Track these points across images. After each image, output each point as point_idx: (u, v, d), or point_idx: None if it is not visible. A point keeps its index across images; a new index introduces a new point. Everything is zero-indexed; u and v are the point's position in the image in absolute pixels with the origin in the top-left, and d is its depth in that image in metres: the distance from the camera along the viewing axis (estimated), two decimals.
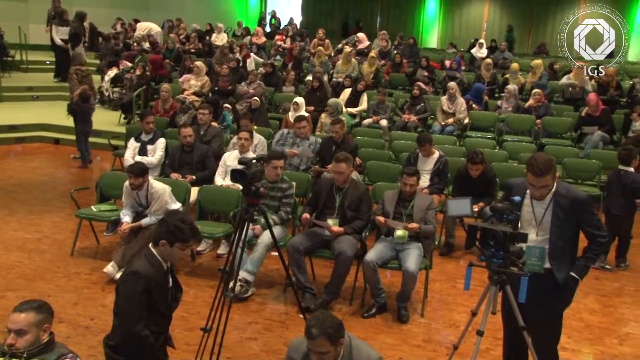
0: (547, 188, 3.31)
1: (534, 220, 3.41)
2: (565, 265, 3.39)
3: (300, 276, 5.23)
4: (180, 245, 3.28)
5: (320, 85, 10.33)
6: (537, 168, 3.24)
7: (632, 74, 13.70)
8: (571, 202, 3.33)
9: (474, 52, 14.88)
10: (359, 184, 5.60)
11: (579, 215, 3.35)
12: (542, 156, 3.31)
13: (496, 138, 9.49)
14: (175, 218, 3.29)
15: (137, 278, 3.20)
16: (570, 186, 3.49)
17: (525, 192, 3.42)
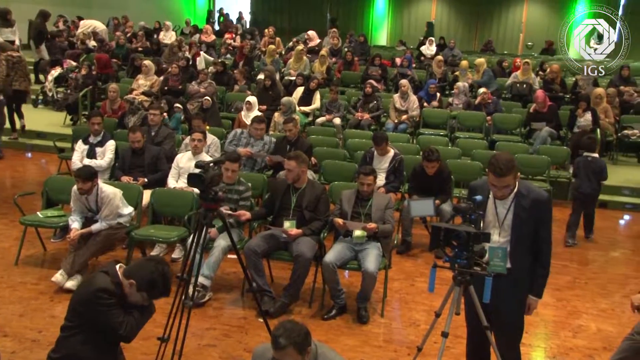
0: (508, 188, 3.30)
1: (497, 220, 3.39)
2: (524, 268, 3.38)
3: (259, 279, 5.12)
4: (145, 297, 3.31)
5: (273, 83, 10.21)
6: (499, 168, 3.21)
7: (575, 71, 14.07)
8: (532, 202, 3.32)
9: (424, 50, 15.02)
10: (315, 184, 5.53)
11: (538, 215, 3.34)
12: (504, 156, 3.27)
13: (449, 135, 9.59)
14: (157, 270, 3.26)
15: (107, 293, 3.21)
16: (532, 186, 3.47)
17: (489, 192, 3.40)
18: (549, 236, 3.45)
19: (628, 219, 8.38)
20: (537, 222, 3.37)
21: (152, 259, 3.41)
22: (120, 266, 3.39)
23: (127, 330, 3.27)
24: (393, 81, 12.11)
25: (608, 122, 9.66)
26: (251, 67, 12.58)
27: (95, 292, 3.21)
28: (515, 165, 3.25)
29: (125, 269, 3.33)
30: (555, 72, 11.43)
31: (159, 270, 3.25)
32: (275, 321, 4.89)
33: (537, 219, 3.35)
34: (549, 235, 3.44)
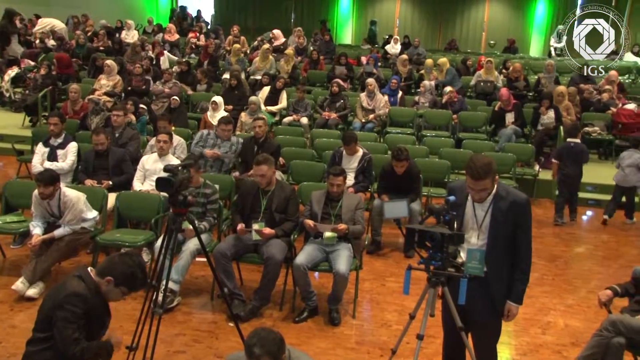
0: (486, 191, 3.25)
1: (475, 223, 3.35)
2: (501, 272, 3.35)
3: (229, 282, 5.04)
4: (125, 290, 3.25)
5: (239, 83, 10.10)
6: (476, 171, 3.17)
7: (536, 69, 14.32)
8: (510, 205, 3.28)
9: (388, 49, 15.07)
10: (284, 185, 5.45)
11: (516, 218, 3.30)
12: (481, 159, 3.21)
13: (416, 133, 9.62)
14: (133, 262, 3.24)
15: (79, 300, 3.11)
16: (511, 188, 3.40)
17: (467, 194, 3.36)
18: (529, 241, 3.38)
19: (591, 214, 8.54)
20: (515, 225, 3.31)
21: (123, 254, 3.36)
22: (91, 269, 3.32)
23: (78, 352, 3.10)
24: (359, 80, 12.12)
25: (570, 119, 9.81)
26: (216, 66, 12.43)
27: (66, 297, 3.11)
28: (493, 168, 3.20)
29: (98, 268, 3.27)
30: (518, 70, 11.61)
31: (134, 262, 3.25)
32: (247, 325, 4.84)
33: (515, 222, 3.29)
34: (528, 240, 3.37)
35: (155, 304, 3.61)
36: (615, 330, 3.87)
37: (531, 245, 3.39)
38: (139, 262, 3.28)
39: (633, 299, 4.22)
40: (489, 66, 11.60)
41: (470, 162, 3.19)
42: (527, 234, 3.34)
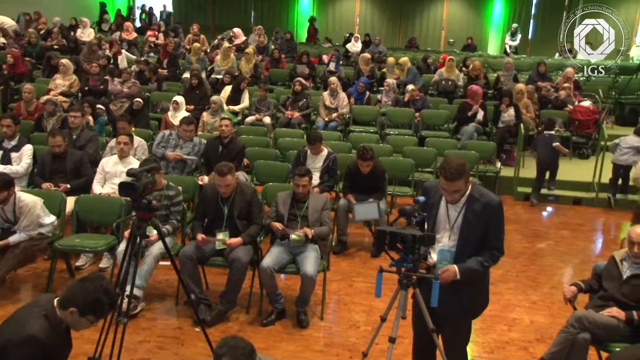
0: (459, 193, 3.23)
1: (448, 223, 3.34)
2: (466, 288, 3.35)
3: (195, 287, 4.94)
4: (92, 318, 2.93)
5: (200, 83, 9.94)
6: (449, 172, 3.15)
7: (495, 67, 14.52)
8: (484, 206, 3.27)
9: (349, 47, 15.08)
10: (245, 188, 5.26)
11: (488, 220, 3.29)
12: (455, 160, 3.20)
13: (379, 132, 9.63)
14: (95, 287, 2.90)
15: (37, 347, 2.74)
16: (485, 190, 3.39)
17: (441, 194, 3.35)
18: (500, 244, 3.36)
19: (551, 210, 8.69)
20: (487, 227, 3.30)
21: (84, 279, 3.01)
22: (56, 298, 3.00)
23: None
24: (322, 79, 12.08)
25: (529, 117, 9.98)
26: (176, 65, 12.22)
27: (24, 339, 2.74)
28: (467, 169, 3.19)
29: (59, 299, 2.92)
30: (478, 68, 11.75)
31: (97, 286, 2.91)
32: (213, 330, 4.76)
33: (487, 224, 3.29)
34: (500, 243, 3.35)
35: (119, 313, 3.49)
36: (580, 326, 3.92)
37: (503, 248, 3.37)
38: (101, 286, 2.93)
39: (596, 295, 4.28)
40: (450, 64, 11.70)
41: (444, 163, 3.18)
42: (499, 237, 3.33)
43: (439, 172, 3.22)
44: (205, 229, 5.13)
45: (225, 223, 5.10)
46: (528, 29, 21.57)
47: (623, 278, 4.13)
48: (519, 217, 8.10)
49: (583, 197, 8.78)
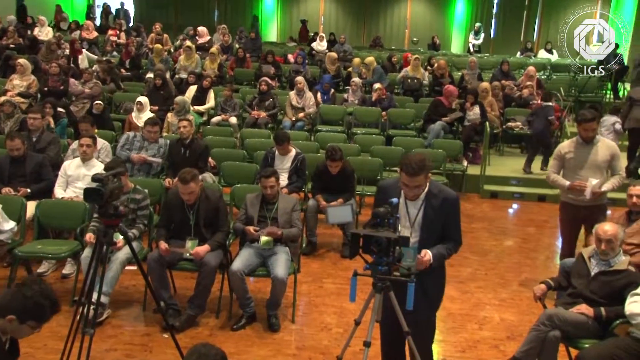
0: (420, 188, 3.28)
1: (408, 220, 3.37)
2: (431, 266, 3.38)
3: (163, 292, 4.84)
4: (34, 324, 2.79)
5: (164, 83, 9.76)
6: (411, 167, 3.19)
7: (459, 65, 14.67)
8: (442, 202, 3.34)
9: (315, 46, 15.03)
10: (209, 193, 5.10)
11: (447, 214, 3.37)
12: (416, 156, 3.26)
13: (346, 131, 9.61)
14: (34, 291, 2.76)
15: None
16: (442, 186, 3.48)
17: (400, 192, 3.36)
18: (459, 235, 3.50)
19: (517, 207, 8.80)
20: (447, 221, 3.40)
21: (20, 284, 2.84)
22: None
23: None
24: (287, 78, 12.01)
25: (494, 115, 10.10)
26: (139, 65, 11.99)
27: None
28: (427, 164, 3.25)
29: None
30: (443, 67, 11.84)
31: (35, 290, 2.77)
32: (182, 335, 4.66)
33: (447, 218, 3.39)
34: (459, 235, 3.49)
35: (85, 323, 3.37)
36: (551, 324, 3.95)
37: (461, 239, 3.52)
38: (40, 289, 2.79)
39: (565, 292, 4.32)
40: (416, 63, 11.77)
41: (405, 158, 3.23)
42: (458, 229, 3.47)
43: (400, 168, 3.25)
44: (172, 236, 5.01)
45: (193, 230, 4.99)
46: (490, 27, 21.87)
47: (591, 275, 4.17)
48: (486, 214, 8.17)
49: (547, 194, 8.90)
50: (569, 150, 5.33)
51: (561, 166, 5.42)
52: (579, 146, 5.31)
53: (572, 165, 5.31)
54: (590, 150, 5.26)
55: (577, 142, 5.33)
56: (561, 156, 5.37)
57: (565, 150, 5.35)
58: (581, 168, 5.26)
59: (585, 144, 5.27)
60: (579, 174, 5.26)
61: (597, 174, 5.24)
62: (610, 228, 4.14)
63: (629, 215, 4.88)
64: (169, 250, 4.79)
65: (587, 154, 5.26)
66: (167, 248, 4.79)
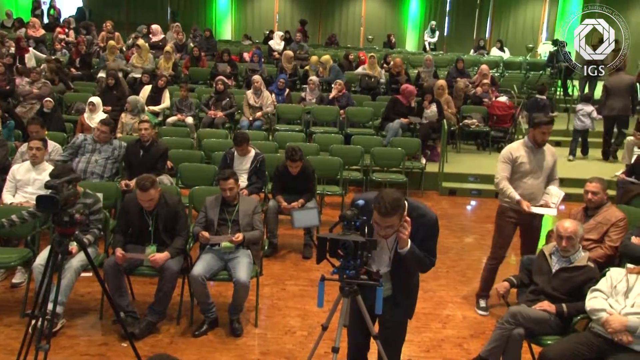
0: (392, 229, 3.06)
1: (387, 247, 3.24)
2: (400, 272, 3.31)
3: (121, 299, 4.67)
4: None
5: (117, 82, 9.51)
6: (384, 207, 2.96)
7: (414, 63, 14.78)
8: (418, 227, 3.16)
9: (273, 45, 14.90)
10: (169, 199, 4.93)
11: (425, 237, 3.20)
12: (390, 194, 3.01)
13: (304, 130, 9.55)
14: None
15: None
16: (421, 208, 3.24)
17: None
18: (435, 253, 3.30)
19: (475, 204, 8.89)
20: (423, 242, 3.20)
21: None
22: None
23: None
24: (244, 77, 11.87)
25: (450, 112, 10.19)
26: (90, 64, 11.65)
27: None
28: (402, 204, 3.03)
29: None
30: (399, 65, 11.87)
31: None
32: (141, 343, 4.53)
33: (423, 240, 3.20)
34: (435, 252, 3.29)
35: (39, 337, 3.21)
36: (515, 321, 3.98)
37: (435, 259, 3.32)
38: None
39: (528, 289, 4.37)
40: (372, 61, 11.78)
41: (379, 197, 2.98)
42: (434, 248, 3.27)
43: (374, 206, 3.01)
44: (130, 242, 4.85)
45: (153, 237, 4.84)
46: (444, 26, 22.14)
47: (552, 272, 4.22)
48: (445, 212, 8.23)
49: None
50: (520, 154, 5.02)
51: (511, 170, 5.06)
52: (529, 151, 5.04)
53: (522, 171, 5.03)
54: (540, 156, 5.06)
55: (527, 146, 5.05)
56: (512, 160, 5.03)
57: (517, 155, 5.02)
58: (531, 174, 5.04)
59: (536, 148, 5.03)
60: (527, 181, 5.04)
61: (542, 180, 5.08)
62: (571, 225, 4.20)
63: (585, 211, 4.95)
64: (125, 258, 4.63)
65: (537, 159, 5.05)
66: (124, 255, 4.62)
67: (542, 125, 4.95)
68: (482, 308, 5.33)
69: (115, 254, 4.66)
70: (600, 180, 4.93)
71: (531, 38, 21.29)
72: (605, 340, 3.71)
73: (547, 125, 4.97)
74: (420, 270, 3.42)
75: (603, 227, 4.78)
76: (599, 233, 4.78)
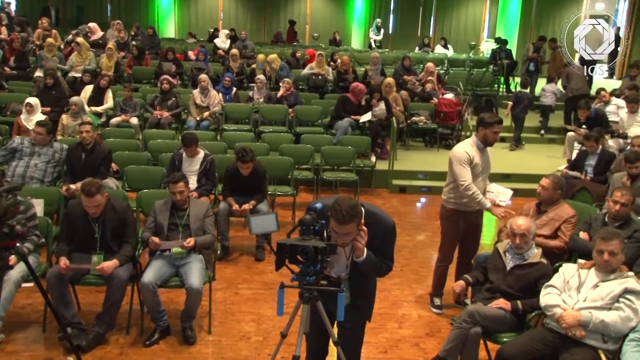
0: (350, 236, 2.98)
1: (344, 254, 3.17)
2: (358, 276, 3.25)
3: (66, 310, 4.45)
4: None
5: (56, 82, 9.13)
6: (340, 215, 2.89)
7: (361, 61, 14.83)
8: (376, 230, 3.11)
9: (218, 43, 14.66)
10: (116, 204, 4.74)
11: (382, 243, 3.15)
12: (347, 202, 2.94)
13: (253, 130, 9.41)
14: None
15: None
16: (378, 214, 3.18)
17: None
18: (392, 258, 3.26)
19: (425, 201, 8.95)
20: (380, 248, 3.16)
21: None
22: None
23: None
24: (189, 76, 11.62)
25: (399, 110, 10.24)
26: (26, 63, 11.16)
27: None
28: (359, 211, 2.96)
29: None
30: (346, 63, 11.85)
31: None
32: (89, 356, 4.35)
33: (381, 246, 3.16)
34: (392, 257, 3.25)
35: None
36: (473, 320, 3.98)
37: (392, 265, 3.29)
38: None
39: (483, 287, 4.39)
40: (320, 59, 11.73)
41: (336, 204, 2.91)
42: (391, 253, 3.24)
43: (330, 212, 2.94)
44: (75, 250, 4.63)
45: (99, 245, 4.62)
46: (388, 23, 22.33)
47: (507, 269, 4.25)
48: (396, 210, 8.25)
49: None
50: (474, 155, 4.85)
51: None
52: (479, 151, 4.89)
53: (475, 173, 4.86)
54: (486, 156, 4.97)
55: (477, 146, 4.89)
56: (470, 161, 4.84)
57: (472, 155, 4.84)
58: (481, 175, 4.92)
59: (484, 148, 4.91)
60: (478, 183, 4.88)
61: (486, 180, 5.04)
62: (524, 222, 4.24)
63: (538, 207, 5.03)
64: (69, 268, 4.41)
65: (485, 159, 4.95)
66: (68, 265, 4.40)
67: (493, 124, 4.80)
68: (436, 306, 5.32)
69: (58, 263, 4.43)
70: (554, 177, 5.00)
71: (473, 36, 21.73)
72: (560, 336, 3.75)
73: (499, 124, 4.85)
74: (377, 276, 3.38)
75: (555, 224, 4.86)
76: (552, 229, 4.85)
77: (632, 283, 3.67)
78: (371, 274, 3.33)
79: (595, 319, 3.58)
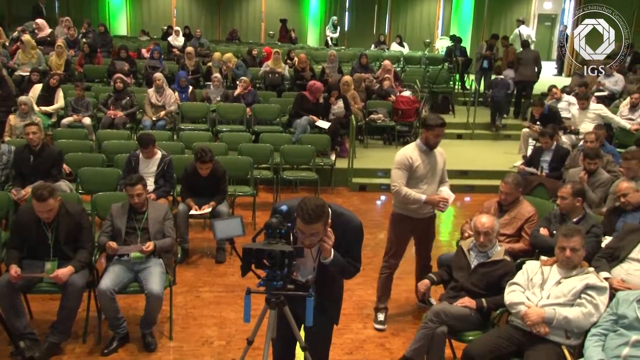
0: (317, 236, 2.94)
1: (311, 255, 3.13)
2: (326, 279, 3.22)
3: (18, 321, 4.25)
4: None
5: (2, 81, 8.77)
6: (308, 214, 2.84)
7: (317, 58, 14.79)
8: (343, 231, 3.08)
9: (172, 41, 14.38)
10: (70, 208, 4.55)
11: (349, 243, 3.13)
12: (313, 201, 2.89)
13: (211, 129, 9.25)
14: None
15: None
16: (345, 214, 3.15)
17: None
18: (359, 259, 3.25)
19: (384, 199, 8.95)
20: (348, 248, 3.14)
21: None
22: None
23: None
24: (143, 75, 11.36)
25: (357, 108, 10.23)
26: None
27: None
28: (326, 211, 2.92)
29: None
30: (303, 61, 11.80)
31: None
32: None
33: (348, 246, 3.13)
34: (359, 258, 3.24)
35: None
36: (439, 320, 3.97)
37: (360, 266, 3.28)
38: None
39: (448, 286, 4.40)
40: (277, 57, 11.64)
41: (302, 203, 2.87)
42: (359, 254, 3.23)
43: (297, 213, 2.89)
44: (26, 257, 4.43)
45: (53, 251, 4.43)
46: (344, 21, 22.35)
47: (471, 267, 4.27)
48: (357, 208, 8.22)
49: None
50: (415, 158, 4.70)
51: (407, 177, 4.73)
52: (423, 154, 4.74)
53: (418, 176, 4.73)
54: (432, 159, 4.79)
55: (420, 149, 4.74)
56: (409, 166, 4.69)
57: (413, 160, 4.69)
58: (425, 178, 4.77)
59: (429, 151, 4.75)
60: (421, 186, 4.75)
61: (435, 184, 4.85)
62: (487, 220, 4.26)
63: (500, 206, 5.06)
64: (20, 276, 4.22)
65: (431, 162, 4.78)
66: (19, 274, 4.21)
67: (435, 127, 4.64)
68: (379, 322, 5.02)
69: (8, 271, 4.23)
70: (513, 178, 5.01)
71: (428, 33, 21.95)
72: (524, 333, 3.77)
73: (441, 127, 4.67)
74: (344, 277, 3.34)
75: (518, 222, 4.91)
76: (514, 228, 4.90)
77: (593, 279, 3.73)
78: (338, 276, 3.29)
79: (559, 316, 3.62)
